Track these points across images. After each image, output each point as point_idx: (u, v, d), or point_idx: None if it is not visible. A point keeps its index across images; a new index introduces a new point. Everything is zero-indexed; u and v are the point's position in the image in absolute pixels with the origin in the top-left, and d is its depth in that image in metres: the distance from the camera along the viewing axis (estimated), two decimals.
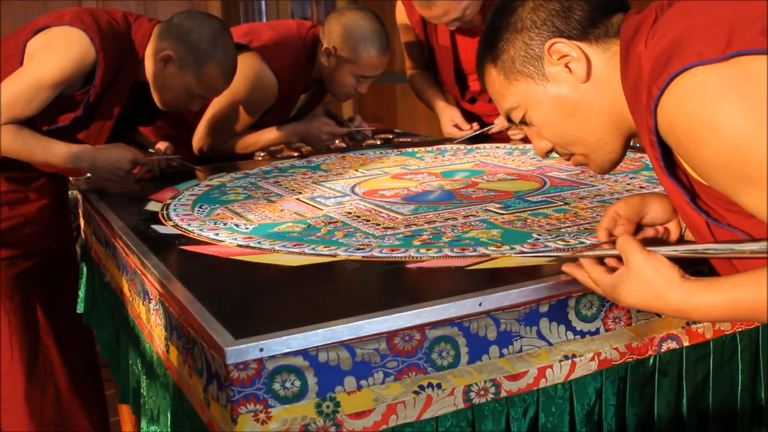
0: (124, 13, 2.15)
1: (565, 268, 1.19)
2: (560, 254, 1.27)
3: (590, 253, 1.15)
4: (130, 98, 2.19)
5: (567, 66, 1.15)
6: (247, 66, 2.41)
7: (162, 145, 2.32)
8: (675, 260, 1.06)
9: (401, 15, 2.80)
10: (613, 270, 1.11)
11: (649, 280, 1.05)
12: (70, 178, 2.29)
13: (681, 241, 1.22)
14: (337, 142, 2.86)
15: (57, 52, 1.98)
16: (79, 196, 2.23)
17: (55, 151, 2.01)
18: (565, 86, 1.16)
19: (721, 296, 1.00)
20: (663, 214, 1.21)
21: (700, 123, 0.94)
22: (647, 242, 1.15)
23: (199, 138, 2.53)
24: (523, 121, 1.23)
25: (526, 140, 2.51)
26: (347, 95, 2.58)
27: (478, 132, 2.65)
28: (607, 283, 1.10)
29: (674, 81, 0.96)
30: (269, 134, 2.60)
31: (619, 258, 1.10)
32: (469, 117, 2.76)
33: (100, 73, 2.03)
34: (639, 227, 1.22)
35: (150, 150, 2.28)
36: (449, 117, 2.73)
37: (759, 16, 0.95)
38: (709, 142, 0.94)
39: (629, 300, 1.09)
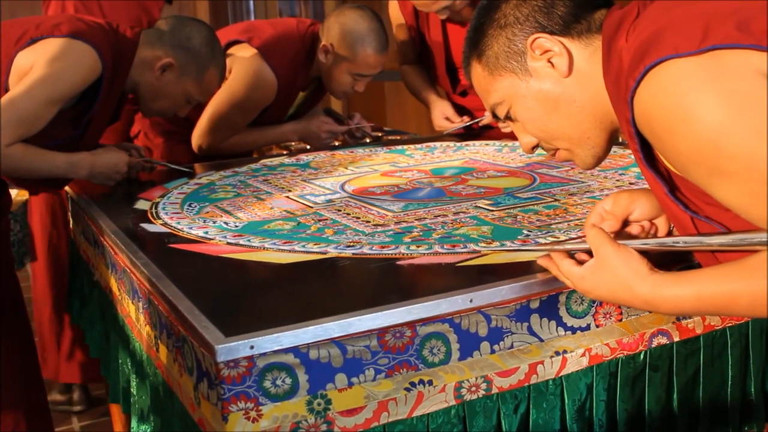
0: (106, 21, 2.09)
1: (540, 261, 1.19)
2: (534, 248, 1.28)
3: (561, 246, 1.16)
4: None
5: (549, 61, 1.16)
6: (246, 64, 2.40)
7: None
8: (649, 255, 1.07)
9: (394, 10, 2.81)
10: (583, 263, 1.11)
11: (617, 272, 1.06)
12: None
13: (669, 235, 1.22)
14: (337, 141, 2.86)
15: (66, 68, 1.89)
16: (69, 196, 2.22)
17: (56, 164, 1.96)
18: (548, 81, 1.17)
19: (689, 289, 1.01)
20: (651, 210, 1.21)
21: (675, 114, 0.94)
22: (619, 236, 1.16)
23: (198, 136, 2.52)
24: (508, 117, 1.24)
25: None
26: (344, 93, 2.58)
27: (468, 123, 2.67)
28: (576, 275, 1.11)
29: (650, 73, 0.97)
30: (269, 132, 2.60)
31: (589, 252, 1.11)
32: (461, 110, 2.78)
33: (105, 88, 1.98)
34: (626, 223, 1.22)
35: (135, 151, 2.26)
36: (440, 111, 2.75)
37: (735, 11, 0.96)
38: (683, 134, 0.94)
39: (598, 292, 1.10)
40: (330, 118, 2.66)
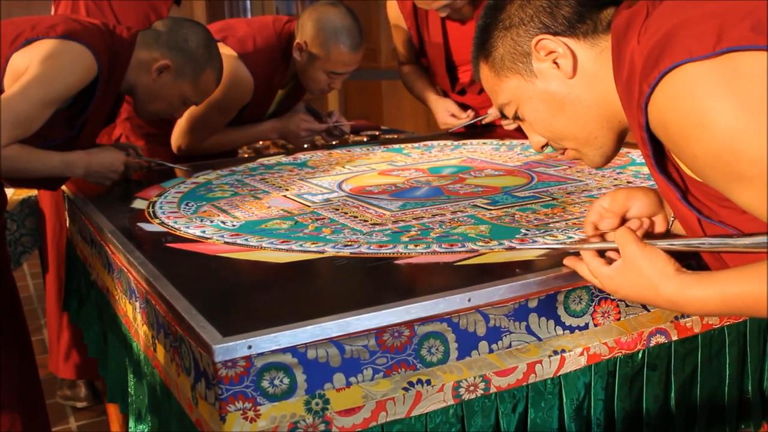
0: (102, 22, 2.09)
1: (566, 261, 1.19)
2: (562, 246, 1.27)
3: (592, 245, 1.15)
4: None
5: (554, 62, 1.16)
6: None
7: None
8: (670, 254, 1.07)
9: (392, 10, 2.80)
10: (612, 262, 1.11)
11: (643, 272, 1.06)
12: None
13: (669, 234, 1.22)
14: (319, 138, 2.84)
15: (62, 69, 1.89)
16: (65, 195, 2.21)
17: (51, 163, 1.95)
18: (553, 82, 1.17)
19: (714, 290, 1.01)
20: (649, 206, 1.21)
21: (691, 119, 0.94)
22: (647, 236, 1.16)
23: (177, 137, 2.51)
24: (517, 116, 1.24)
25: (519, 129, 2.52)
26: (320, 91, 2.56)
27: (474, 120, 2.66)
28: (604, 274, 1.11)
29: (665, 78, 0.96)
30: (248, 131, 2.58)
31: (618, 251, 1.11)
32: (461, 108, 2.77)
33: (101, 89, 1.98)
34: (624, 220, 1.22)
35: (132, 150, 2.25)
36: (445, 108, 2.74)
37: (749, 11, 0.95)
38: (700, 139, 0.94)
39: (624, 292, 1.10)
40: (310, 116, 2.64)
